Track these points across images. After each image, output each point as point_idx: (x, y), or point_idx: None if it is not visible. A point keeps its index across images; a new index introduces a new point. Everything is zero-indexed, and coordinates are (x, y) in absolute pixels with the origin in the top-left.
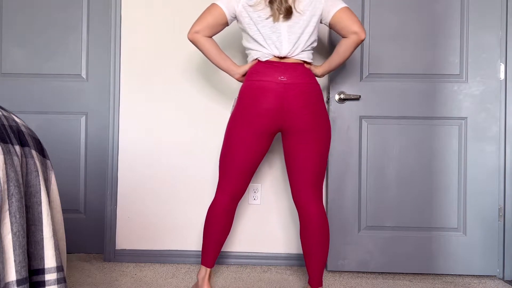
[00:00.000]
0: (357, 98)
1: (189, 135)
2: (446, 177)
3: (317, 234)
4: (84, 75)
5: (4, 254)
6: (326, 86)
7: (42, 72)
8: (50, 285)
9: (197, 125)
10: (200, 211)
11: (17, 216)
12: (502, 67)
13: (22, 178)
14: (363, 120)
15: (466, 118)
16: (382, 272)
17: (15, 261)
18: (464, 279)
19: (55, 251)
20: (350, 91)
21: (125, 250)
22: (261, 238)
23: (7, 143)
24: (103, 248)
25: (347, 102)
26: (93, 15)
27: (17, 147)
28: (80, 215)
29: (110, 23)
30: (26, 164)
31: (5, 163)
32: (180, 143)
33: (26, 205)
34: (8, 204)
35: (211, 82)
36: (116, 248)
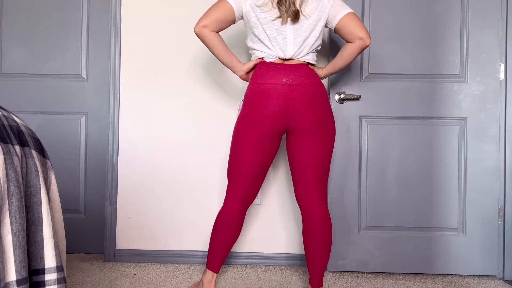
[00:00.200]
0: (357, 98)
1: (189, 135)
2: (446, 177)
3: (320, 235)
4: (84, 75)
5: (4, 254)
6: (326, 86)
7: (42, 72)
8: (50, 285)
9: (197, 125)
10: (200, 211)
11: (17, 216)
12: (502, 67)
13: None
14: (363, 120)
15: (466, 118)
16: (382, 272)
17: (15, 261)
18: (464, 279)
19: (55, 251)
20: (350, 91)
21: (125, 250)
22: (261, 238)
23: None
24: (103, 248)
25: (347, 102)
26: (93, 15)
27: (17, 147)
28: (80, 215)
29: (110, 23)
30: (26, 164)
31: (5, 163)
32: (180, 143)
33: (26, 205)
34: (8, 204)
35: (212, 82)
36: (116, 248)
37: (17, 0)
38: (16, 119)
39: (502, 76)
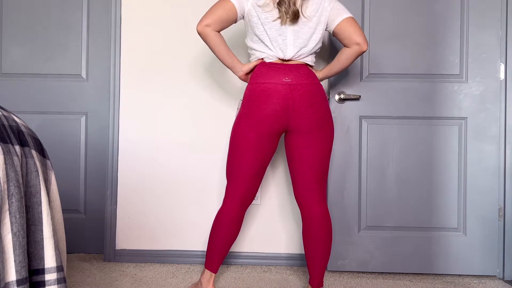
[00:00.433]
0: (357, 98)
1: (189, 135)
2: (446, 177)
3: (320, 235)
4: (84, 75)
5: (4, 254)
6: (326, 86)
7: (42, 72)
8: (50, 285)
9: (197, 125)
10: (200, 211)
11: (17, 216)
12: (502, 67)
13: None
14: (363, 120)
15: (466, 118)
16: (382, 272)
17: (15, 261)
18: (464, 279)
19: (55, 251)
20: (350, 91)
21: (125, 250)
22: (261, 238)
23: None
24: (103, 248)
25: (347, 102)
26: (93, 15)
27: (17, 147)
28: (80, 215)
29: (110, 23)
30: (26, 164)
31: (5, 163)
32: (180, 143)
33: (26, 205)
34: (8, 204)
35: (212, 82)
36: (116, 248)
37: (17, 0)
38: (16, 119)
39: (502, 76)
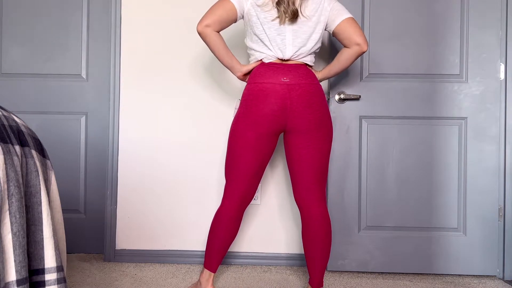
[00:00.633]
0: (357, 98)
1: (189, 135)
2: (446, 177)
3: (320, 235)
4: (84, 75)
5: (4, 254)
6: (326, 86)
7: (42, 72)
8: (50, 285)
9: (197, 125)
10: (200, 211)
11: (17, 216)
12: (502, 67)
13: (22, 178)
14: (363, 120)
15: (466, 118)
16: (382, 272)
17: (15, 261)
18: (464, 279)
19: (55, 251)
20: (350, 91)
21: (125, 250)
22: (261, 238)
23: (7, 143)
24: (103, 248)
25: (347, 102)
26: (93, 15)
27: (17, 147)
28: (80, 215)
29: (110, 23)
30: (26, 164)
31: (5, 163)
32: (180, 143)
33: (26, 205)
34: (8, 204)
35: (212, 82)
36: (116, 248)
37: (17, 0)
38: (16, 119)
39: (502, 76)
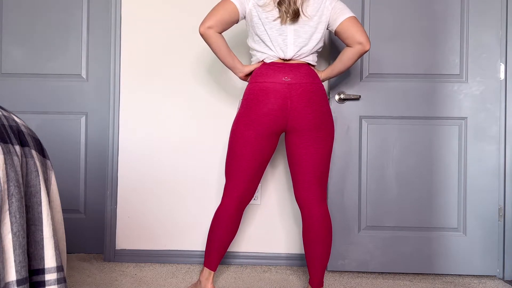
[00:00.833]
0: (357, 98)
1: (189, 135)
2: (446, 177)
3: (321, 235)
4: (84, 75)
5: (4, 254)
6: (327, 86)
7: (42, 72)
8: (50, 285)
9: (197, 125)
10: (200, 211)
11: (17, 216)
12: (502, 67)
13: (22, 178)
14: (363, 120)
15: (466, 118)
16: (382, 272)
17: (15, 261)
18: (464, 279)
19: (55, 251)
20: (350, 91)
21: (125, 250)
22: (261, 238)
23: (7, 143)
24: (103, 248)
25: (347, 102)
26: (93, 15)
27: (17, 147)
28: (80, 215)
29: (110, 23)
30: (26, 164)
31: (5, 163)
32: (180, 143)
33: (26, 205)
34: (8, 204)
35: (212, 82)
36: (116, 248)
37: (17, 0)
38: (16, 119)
39: (502, 76)
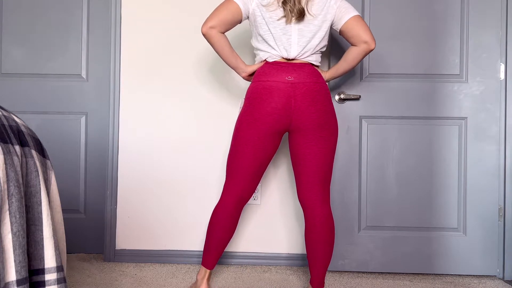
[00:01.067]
0: (357, 98)
1: (189, 135)
2: (446, 177)
3: (323, 236)
4: (84, 75)
5: (4, 254)
6: None
7: (42, 72)
8: (50, 285)
9: (198, 125)
10: (200, 211)
11: (17, 216)
12: (502, 67)
13: (22, 178)
14: (363, 120)
15: (466, 118)
16: (382, 272)
17: (15, 261)
18: (464, 279)
19: (55, 251)
20: (350, 91)
21: (125, 250)
22: (261, 238)
23: (7, 143)
24: (103, 248)
25: (347, 102)
26: (93, 15)
27: (17, 147)
28: (80, 215)
29: (110, 23)
30: (26, 164)
31: (5, 163)
32: (180, 143)
33: (26, 205)
34: (8, 204)
35: (213, 81)
36: (116, 248)
37: (17, 0)
38: (16, 119)
39: (502, 76)
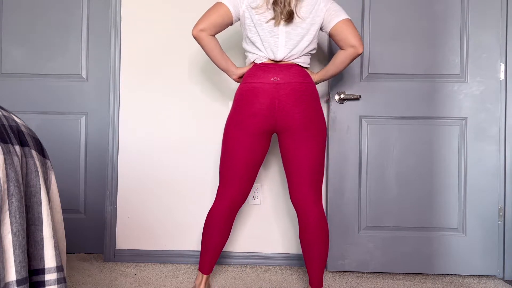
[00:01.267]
0: (357, 98)
1: (189, 135)
2: (446, 177)
3: (317, 236)
4: (84, 75)
5: (4, 254)
6: (326, 86)
7: (42, 72)
8: (50, 285)
9: (198, 125)
10: (200, 212)
11: (17, 216)
12: (502, 67)
13: (22, 178)
14: (363, 120)
15: (466, 118)
16: (382, 272)
17: (15, 261)
18: (464, 279)
19: (55, 251)
20: (350, 91)
21: (125, 250)
22: (261, 238)
23: (7, 143)
24: (103, 248)
25: (347, 102)
26: (93, 15)
27: (17, 147)
28: (80, 215)
29: (110, 23)
30: (26, 164)
31: (5, 163)
32: (180, 143)
33: (26, 205)
34: (8, 204)
35: (213, 82)
36: (116, 248)
37: (17, 0)
38: (16, 119)
39: (502, 76)
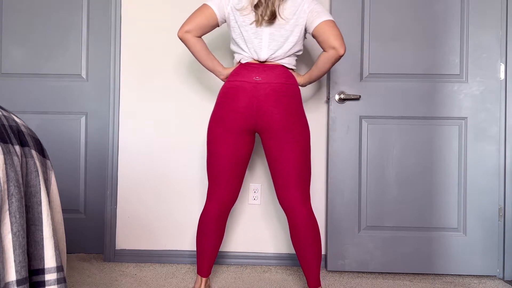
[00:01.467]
0: (357, 98)
1: (189, 135)
2: (446, 177)
3: (307, 236)
4: (84, 75)
5: (4, 254)
6: (326, 86)
7: (42, 72)
8: (50, 285)
9: (197, 125)
10: (200, 211)
11: (17, 216)
12: (502, 67)
13: (22, 178)
14: (363, 120)
15: (466, 118)
16: (382, 272)
17: (15, 261)
18: (464, 279)
19: (55, 251)
20: (350, 91)
21: (125, 250)
22: (261, 238)
23: (7, 143)
24: (103, 248)
25: (347, 102)
26: (93, 15)
27: (17, 147)
28: (80, 215)
29: (110, 23)
30: (26, 164)
31: (5, 163)
32: (180, 143)
33: (26, 205)
34: (8, 204)
35: (213, 81)
36: (116, 248)
37: (17, 0)
38: (16, 119)
39: (502, 76)
